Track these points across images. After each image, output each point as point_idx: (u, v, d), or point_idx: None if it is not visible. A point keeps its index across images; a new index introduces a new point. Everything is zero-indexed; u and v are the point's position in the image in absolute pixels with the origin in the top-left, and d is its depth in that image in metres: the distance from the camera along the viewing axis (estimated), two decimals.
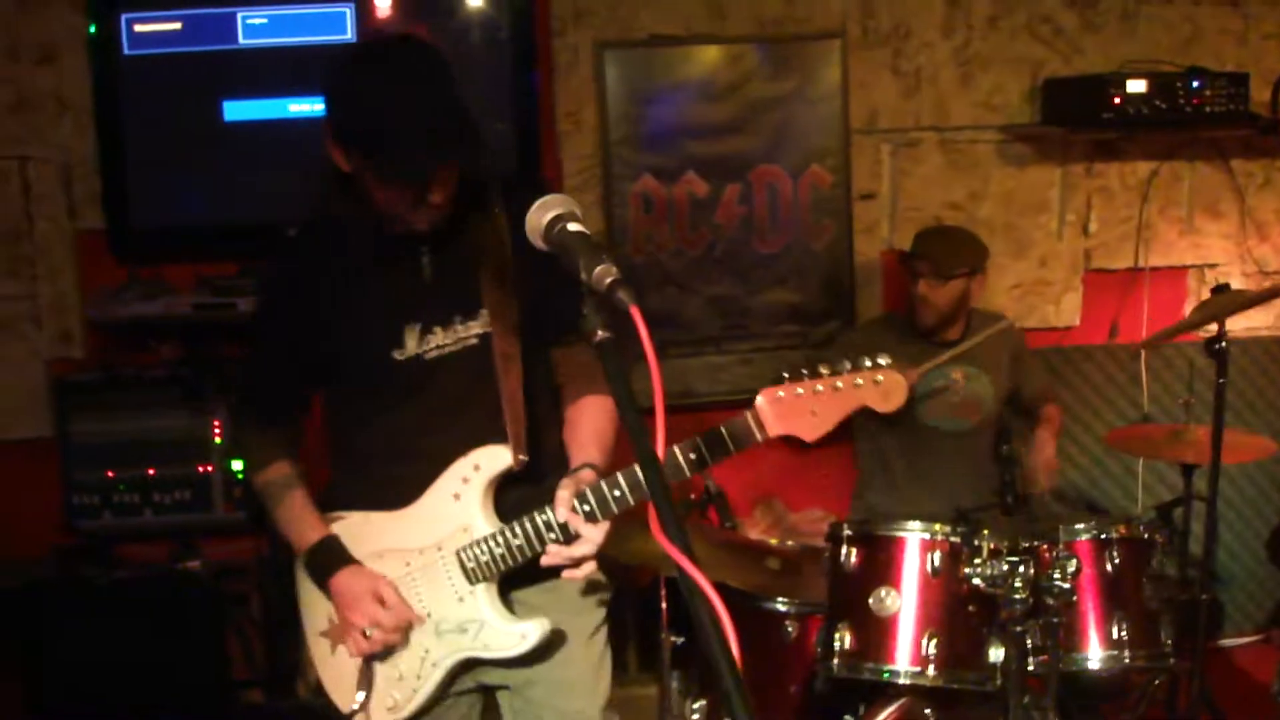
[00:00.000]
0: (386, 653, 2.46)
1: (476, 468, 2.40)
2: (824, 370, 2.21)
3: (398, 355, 2.39)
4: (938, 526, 3.06)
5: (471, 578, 2.40)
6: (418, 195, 2.27)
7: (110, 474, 3.91)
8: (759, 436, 2.22)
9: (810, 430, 2.21)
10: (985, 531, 3.00)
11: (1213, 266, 4.63)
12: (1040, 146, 4.48)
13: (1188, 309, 4.62)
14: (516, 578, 2.45)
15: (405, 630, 2.43)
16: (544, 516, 2.32)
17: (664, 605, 3.44)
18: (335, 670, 2.51)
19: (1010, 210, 4.50)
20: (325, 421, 2.59)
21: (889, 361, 2.22)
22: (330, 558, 2.46)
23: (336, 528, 2.50)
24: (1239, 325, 4.36)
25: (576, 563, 2.31)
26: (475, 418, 2.41)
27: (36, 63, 3.99)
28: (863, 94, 4.35)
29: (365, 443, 2.49)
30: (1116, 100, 4.08)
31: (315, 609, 2.54)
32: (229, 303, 3.89)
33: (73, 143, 4.03)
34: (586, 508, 2.28)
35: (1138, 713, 3.73)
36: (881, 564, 3.05)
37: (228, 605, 3.95)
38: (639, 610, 4.01)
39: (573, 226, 1.72)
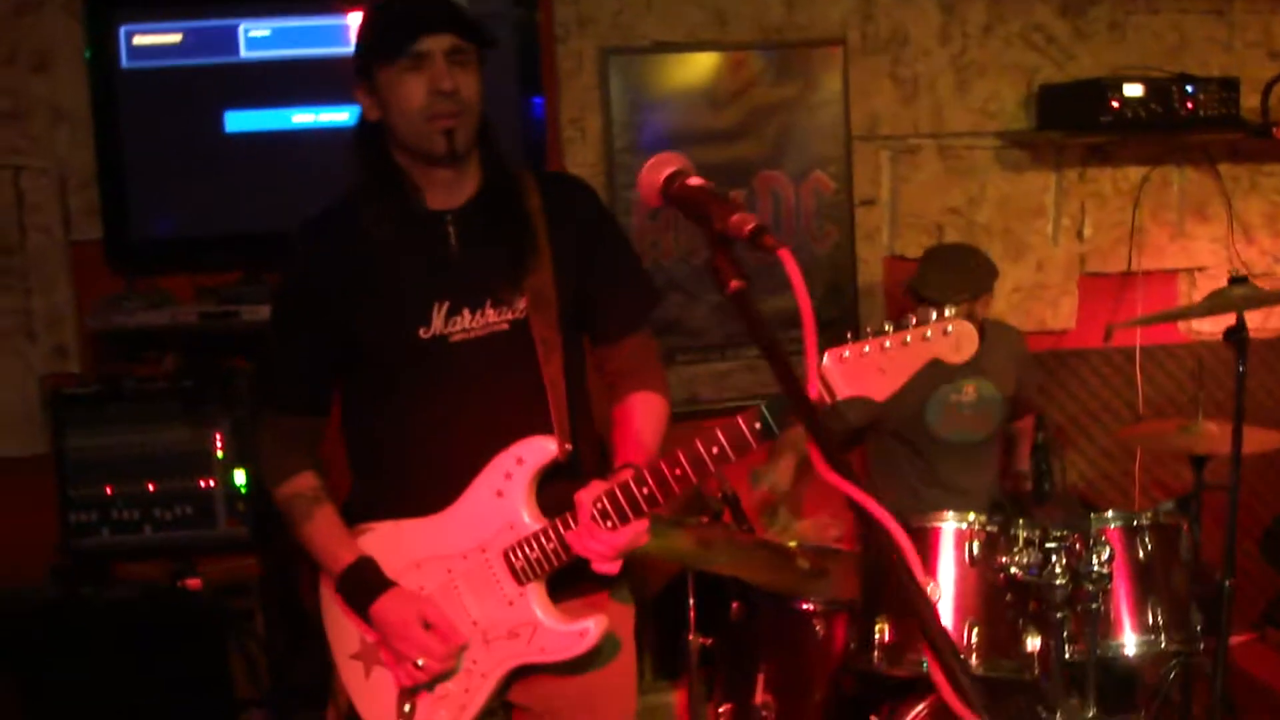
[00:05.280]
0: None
1: (520, 461, 2.29)
2: (889, 327, 2.10)
3: (423, 333, 2.29)
4: (973, 516, 3.07)
5: (521, 577, 2.29)
6: (433, 78, 2.21)
7: (109, 490, 3.79)
8: (827, 399, 2.08)
9: (881, 389, 2.06)
10: (1020, 520, 3.03)
11: (1202, 269, 4.70)
12: (1035, 152, 4.53)
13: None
14: (561, 588, 2.36)
15: (458, 652, 2.33)
16: (600, 506, 2.20)
17: (691, 604, 3.41)
18: (371, 694, 2.39)
19: (1007, 215, 4.54)
20: (344, 427, 2.47)
21: (956, 311, 2.19)
22: (369, 582, 2.33)
23: (366, 541, 2.38)
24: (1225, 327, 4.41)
25: (616, 554, 2.23)
26: (510, 409, 2.31)
27: (32, 70, 3.90)
28: (863, 101, 4.37)
29: (389, 440, 2.37)
30: (1114, 104, 4.14)
31: (344, 630, 2.42)
32: (234, 311, 3.82)
33: (68, 153, 3.94)
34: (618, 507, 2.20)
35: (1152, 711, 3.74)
36: (919, 555, 3.04)
37: (231, 623, 3.84)
38: (654, 615, 3.96)
39: (693, 180, 1.68)
